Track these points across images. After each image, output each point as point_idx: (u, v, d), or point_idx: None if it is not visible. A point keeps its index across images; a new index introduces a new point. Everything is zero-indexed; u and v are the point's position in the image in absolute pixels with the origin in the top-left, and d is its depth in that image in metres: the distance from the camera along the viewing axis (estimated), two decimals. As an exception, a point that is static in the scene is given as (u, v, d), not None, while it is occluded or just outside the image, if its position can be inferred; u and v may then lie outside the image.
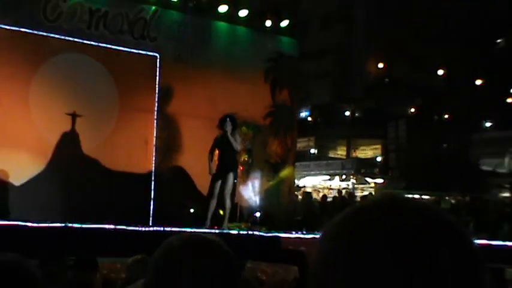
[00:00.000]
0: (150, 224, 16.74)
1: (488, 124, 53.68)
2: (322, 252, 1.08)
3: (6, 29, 16.34)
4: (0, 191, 16.18)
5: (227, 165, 15.80)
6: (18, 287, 2.23)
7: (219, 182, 15.52)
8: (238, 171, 18.03)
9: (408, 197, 1.19)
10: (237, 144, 15.93)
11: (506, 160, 38.14)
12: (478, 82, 53.86)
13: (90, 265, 7.60)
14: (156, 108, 18.67)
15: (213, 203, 15.68)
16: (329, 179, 48.47)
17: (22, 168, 16.65)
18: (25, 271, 2.27)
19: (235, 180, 16.31)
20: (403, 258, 1.01)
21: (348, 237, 1.06)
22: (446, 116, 50.33)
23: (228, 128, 15.66)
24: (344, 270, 1.04)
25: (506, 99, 52.06)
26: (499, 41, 54.04)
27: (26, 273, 2.26)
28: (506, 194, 27.41)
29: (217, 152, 15.89)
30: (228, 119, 15.83)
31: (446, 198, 28.73)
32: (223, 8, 19.77)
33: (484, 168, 47.19)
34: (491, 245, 18.13)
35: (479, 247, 1.07)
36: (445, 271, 1.01)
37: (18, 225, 12.53)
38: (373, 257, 1.02)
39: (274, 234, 15.07)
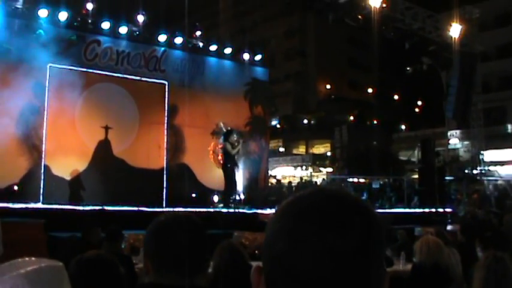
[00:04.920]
0: (164, 206, 16.56)
1: (403, 127, 54.02)
2: (268, 225, 1.06)
3: (59, 67, 16.13)
4: (59, 183, 16.05)
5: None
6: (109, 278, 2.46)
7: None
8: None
9: (334, 188, 1.11)
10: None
11: (415, 152, 38.27)
12: (396, 97, 54.14)
13: (117, 236, 7.40)
14: (166, 121, 18.51)
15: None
16: (294, 169, 48.44)
17: (71, 167, 16.43)
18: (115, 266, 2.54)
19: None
20: (322, 225, 0.99)
21: (282, 215, 1.05)
22: (375, 122, 50.47)
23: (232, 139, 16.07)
24: (277, 237, 1.02)
25: (414, 109, 52.55)
26: (408, 68, 54.44)
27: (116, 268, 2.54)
28: (416, 176, 27.36)
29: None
30: (234, 133, 16.02)
31: (377, 180, 28.46)
32: (213, 48, 19.69)
33: (401, 158, 47.35)
34: (406, 212, 18.05)
35: (381, 218, 1.06)
36: (357, 233, 0.98)
37: (69, 208, 13.05)
38: (299, 227, 1.00)
39: (254, 211, 14.92)
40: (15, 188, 14.90)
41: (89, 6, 17.14)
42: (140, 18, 18.04)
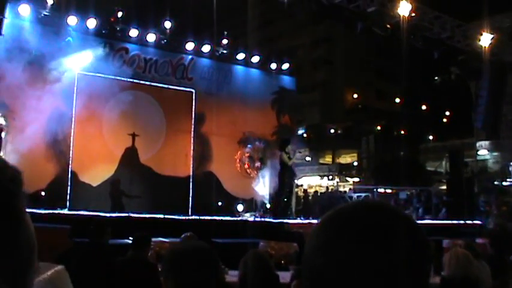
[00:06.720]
0: (190, 214, 16.55)
1: (430, 137, 53.57)
2: (308, 239, 1.04)
3: (87, 74, 16.30)
4: (86, 189, 16.21)
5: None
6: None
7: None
8: (254, 174, 17.81)
9: (375, 201, 1.10)
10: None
11: (443, 163, 37.90)
12: (423, 107, 53.72)
13: (144, 243, 7.03)
14: (192, 129, 18.58)
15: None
16: (320, 179, 48.23)
17: (97, 174, 16.60)
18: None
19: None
20: (362, 240, 0.96)
21: (321, 230, 1.03)
22: (402, 132, 50.06)
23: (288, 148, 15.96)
24: (325, 258, 0.99)
25: (442, 119, 52.09)
26: (436, 78, 54.01)
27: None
28: (444, 187, 27.07)
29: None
30: (290, 143, 15.89)
31: (403, 190, 28.20)
32: (240, 56, 19.66)
33: (428, 168, 46.90)
34: (433, 223, 17.88)
35: (424, 232, 1.04)
36: (404, 249, 0.96)
37: (95, 215, 12.56)
38: (338, 243, 0.98)
39: (280, 220, 14.82)
40: (42, 193, 14.97)
41: (119, 14, 17.27)
42: (167, 24, 18.10)
